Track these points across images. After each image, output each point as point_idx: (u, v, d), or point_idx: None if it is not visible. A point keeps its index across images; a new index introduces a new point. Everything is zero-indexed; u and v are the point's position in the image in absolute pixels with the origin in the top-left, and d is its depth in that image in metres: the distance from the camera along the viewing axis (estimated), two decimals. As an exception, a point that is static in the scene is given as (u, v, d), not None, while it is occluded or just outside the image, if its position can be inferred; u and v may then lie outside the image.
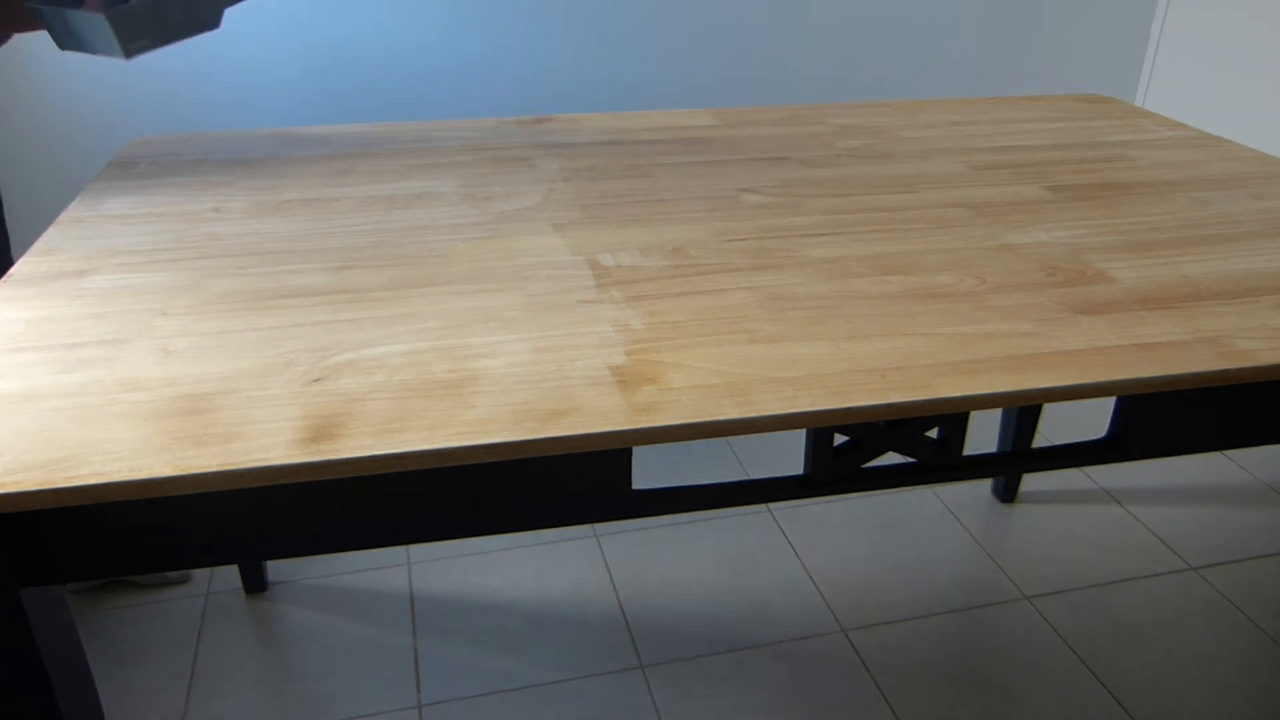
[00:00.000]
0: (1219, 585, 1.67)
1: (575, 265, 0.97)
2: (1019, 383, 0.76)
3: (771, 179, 1.23)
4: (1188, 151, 1.36)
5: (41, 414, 0.71)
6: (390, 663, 1.50)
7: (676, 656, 1.51)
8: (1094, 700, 1.44)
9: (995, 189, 1.20)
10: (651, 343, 0.81)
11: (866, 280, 0.94)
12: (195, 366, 0.77)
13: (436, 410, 0.71)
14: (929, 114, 1.54)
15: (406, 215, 1.10)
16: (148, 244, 1.02)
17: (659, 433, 0.70)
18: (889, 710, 1.42)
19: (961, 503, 1.88)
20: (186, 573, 1.65)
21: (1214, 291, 0.92)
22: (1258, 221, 1.10)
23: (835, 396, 0.73)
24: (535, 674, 1.48)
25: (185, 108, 2.10)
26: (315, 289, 0.92)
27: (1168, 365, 0.78)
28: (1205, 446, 0.91)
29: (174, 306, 0.88)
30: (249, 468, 0.65)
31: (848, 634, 1.56)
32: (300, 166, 1.27)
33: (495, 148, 1.36)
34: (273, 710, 1.42)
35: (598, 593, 1.65)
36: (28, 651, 0.70)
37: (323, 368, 0.77)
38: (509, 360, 0.78)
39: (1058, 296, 0.90)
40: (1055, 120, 1.52)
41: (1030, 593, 1.65)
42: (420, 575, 1.69)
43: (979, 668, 1.50)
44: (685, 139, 1.40)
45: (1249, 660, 1.51)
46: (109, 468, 0.64)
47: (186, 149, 1.36)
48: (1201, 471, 1.99)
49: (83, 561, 0.70)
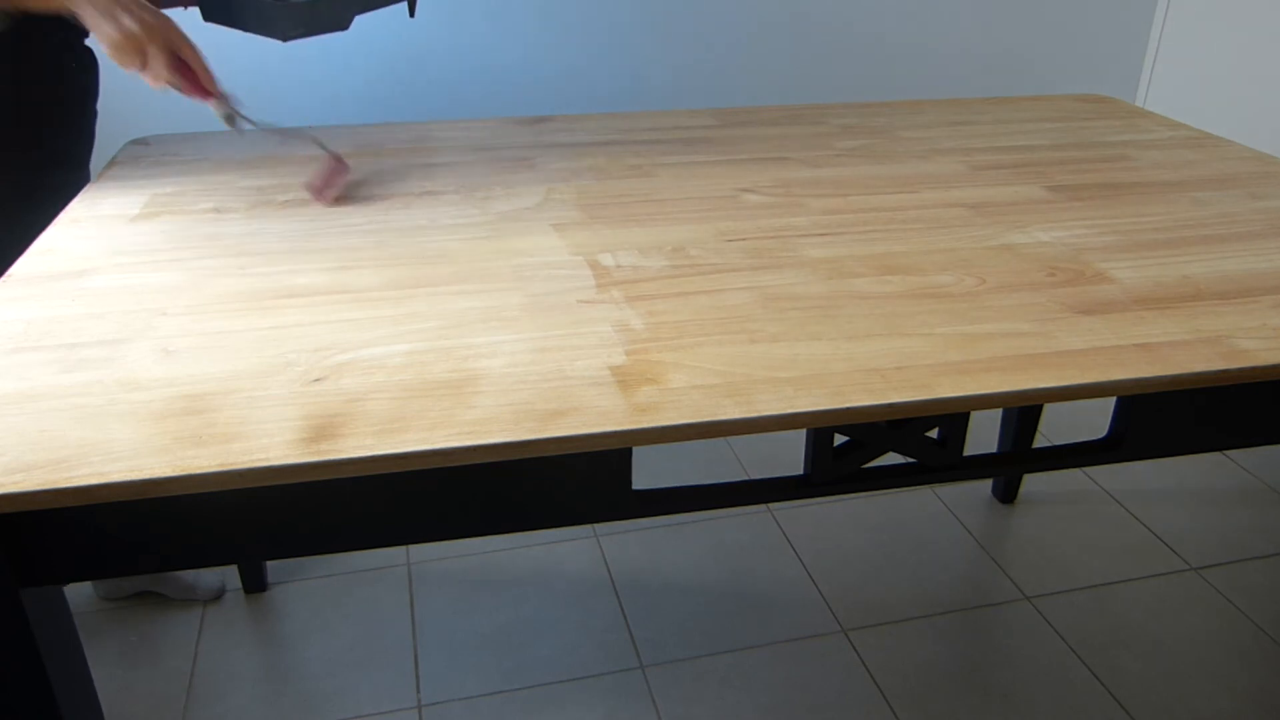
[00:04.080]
0: (1219, 585, 1.67)
1: (575, 265, 0.97)
2: (1019, 383, 0.76)
3: (771, 179, 1.23)
4: (1188, 151, 1.36)
5: (41, 414, 0.71)
6: (390, 663, 1.50)
7: (676, 656, 1.51)
8: (1094, 700, 1.44)
9: (995, 189, 1.20)
10: (651, 343, 0.81)
11: (866, 280, 0.94)
12: (195, 366, 0.77)
13: (436, 410, 0.71)
14: (929, 114, 1.54)
15: (406, 215, 1.10)
16: (148, 244, 1.02)
17: (659, 433, 0.70)
18: (889, 710, 1.42)
19: (961, 503, 1.88)
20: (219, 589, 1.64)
21: (1214, 291, 0.92)
22: (1258, 221, 1.10)
23: (835, 396, 0.73)
24: (535, 674, 1.48)
25: (185, 108, 2.09)
26: (315, 289, 0.92)
27: (1168, 365, 0.78)
28: (1205, 446, 0.91)
29: (174, 306, 0.88)
30: (249, 468, 0.65)
31: (848, 634, 1.56)
32: (300, 166, 1.27)
33: (495, 148, 1.36)
34: (273, 710, 1.42)
35: (598, 593, 1.65)
36: (28, 651, 0.70)
37: (323, 368, 0.77)
38: (509, 360, 0.78)
39: (1058, 296, 0.90)
40: (1055, 120, 1.52)
41: (1030, 593, 1.65)
42: (420, 575, 1.69)
43: (979, 668, 1.50)
44: (685, 139, 1.40)
45: (1249, 660, 1.51)
46: (109, 468, 0.64)
47: (186, 149, 1.36)
48: (1201, 471, 1.99)
49: (83, 561, 0.70)
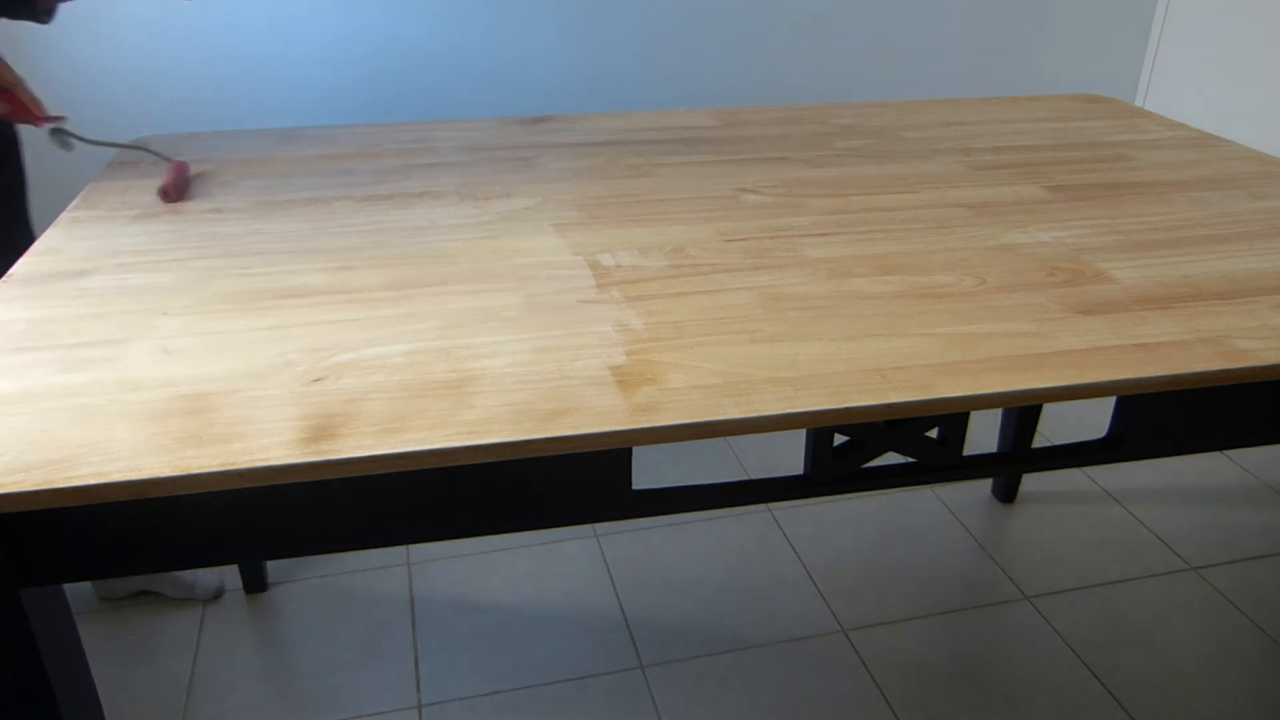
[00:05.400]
0: (1219, 585, 1.67)
1: (575, 265, 0.97)
2: (1019, 383, 0.76)
3: (771, 179, 1.23)
4: (1187, 151, 1.36)
5: (41, 414, 0.71)
6: (390, 663, 1.50)
7: (676, 656, 1.51)
8: (1094, 700, 1.44)
9: (995, 189, 1.20)
10: (651, 343, 0.81)
11: (866, 280, 0.94)
12: (195, 366, 0.77)
13: (436, 410, 0.71)
14: (929, 114, 1.54)
15: (406, 215, 1.10)
16: (148, 244, 1.02)
17: (659, 433, 0.70)
18: (889, 710, 1.42)
19: (961, 503, 1.88)
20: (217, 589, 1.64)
21: (1214, 291, 0.92)
22: (1258, 221, 1.10)
23: (835, 396, 0.73)
24: (535, 674, 1.48)
25: (185, 108, 2.10)
26: (315, 289, 0.92)
27: (1168, 365, 0.78)
28: (1205, 446, 0.91)
29: (174, 306, 0.88)
30: (249, 468, 0.65)
31: (848, 634, 1.56)
32: (300, 166, 1.27)
33: (495, 148, 1.36)
34: (273, 710, 1.42)
35: (598, 593, 1.65)
36: (28, 651, 0.70)
37: (323, 368, 0.77)
38: (509, 360, 0.78)
39: (1058, 296, 0.90)
40: (1055, 120, 1.52)
41: (1030, 593, 1.65)
42: (420, 575, 1.69)
43: (979, 668, 1.50)
44: (685, 139, 1.40)
45: (1249, 660, 1.51)
46: (108, 468, 0.64)
47: (187, 149, 1.36)
48: (1201, 471, 1.99)
49: (83, 561, 0.70)
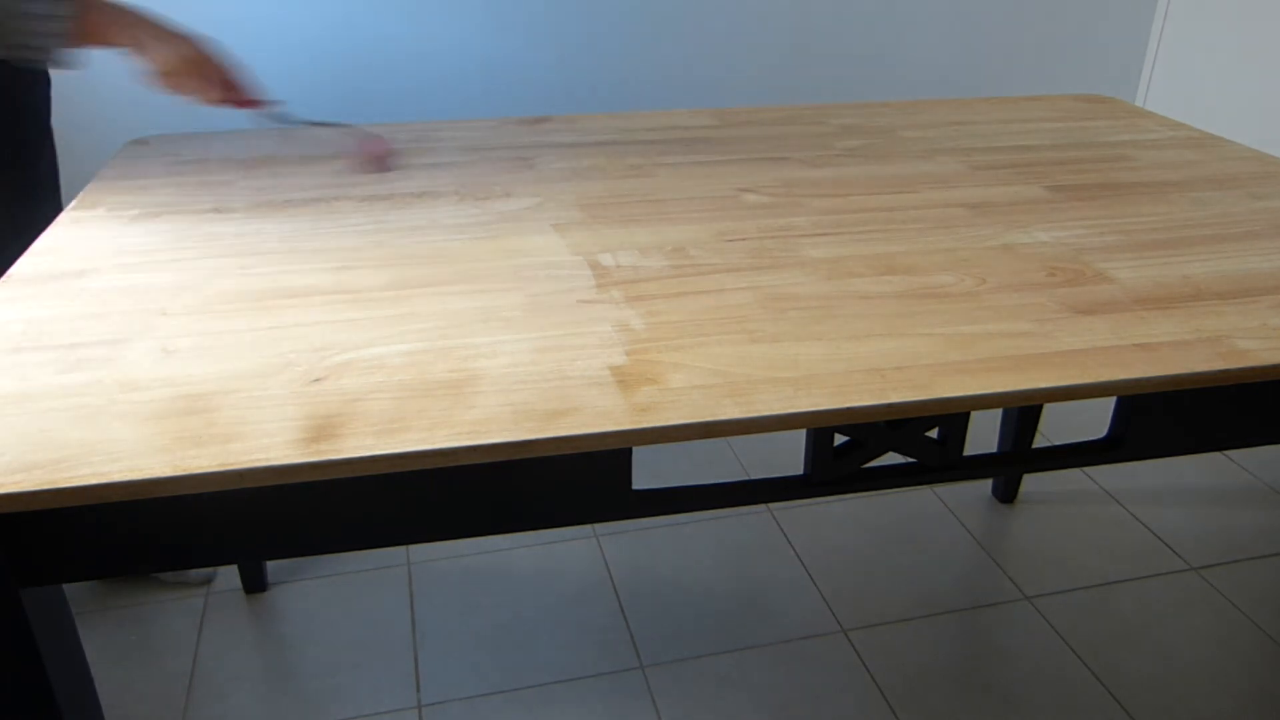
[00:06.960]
0: (1219, 585, 1.67)
1: (575, 265, 0.97)
2: (1019, 383, 0.76)
3: (771, 179, 1.23)
4: (1188, 151, 1.36)
5: (41, 414, 0.71)
6: (390, 663, 1.50)
7: (676, 656, 1.51)
8: (1094, 700, 1.44)
9: (995, 189, 1.20)
10: (651, 343, 0.81)
11: (866, 280, 0.94)
12: (195, 366, 0.77)
13: (436, 410, 0.71)
14: (929, 114, 1.54)
15: (406, 215, 1.10)
16: (148, 244, 1.02)
17: (659, 433, 0.70)
18: (889, 710, 1.42)
19: (961, 503, 1.88)
20: (210, 573, 1.65)
21: (1214, 291, 0.92)
22: (1258, 221, 1.10)
23: (835, 396, 0.73)
24: (535, 674, 1.48)
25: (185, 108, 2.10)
26: (315, 289, 0.92)
27: (1168, 365, 0.78)
28: (1205, 446, 0.91)
29: (174, 306, 0.88)
30: (249, 468, 0.65)
31: (848, 634, 1.56)
32: (300, 166, 1.27)
33: (495, 148, 1.36)
34: (273, 710, 1.42)
35: (598, 593, 1.65)
36: (28, 651, 0.70)
37: (323, 368, 0.77)
38: (509, 360, 0.78)
39: (1058, 296, 0.90)
40: (1055, 120, 1.52)
41: (1030, 593, 1.65)
42: (420, 575, 1.69)
43: (979, 668, 1.50)
44: (685, 139, 1.40)
45: (1249, 660, 1.51)
46: (108, 468, 0.64)
47: (186, 149, 1.36)
48: (1201, 471, 1.99)
49: (83, 561, 0.70)
